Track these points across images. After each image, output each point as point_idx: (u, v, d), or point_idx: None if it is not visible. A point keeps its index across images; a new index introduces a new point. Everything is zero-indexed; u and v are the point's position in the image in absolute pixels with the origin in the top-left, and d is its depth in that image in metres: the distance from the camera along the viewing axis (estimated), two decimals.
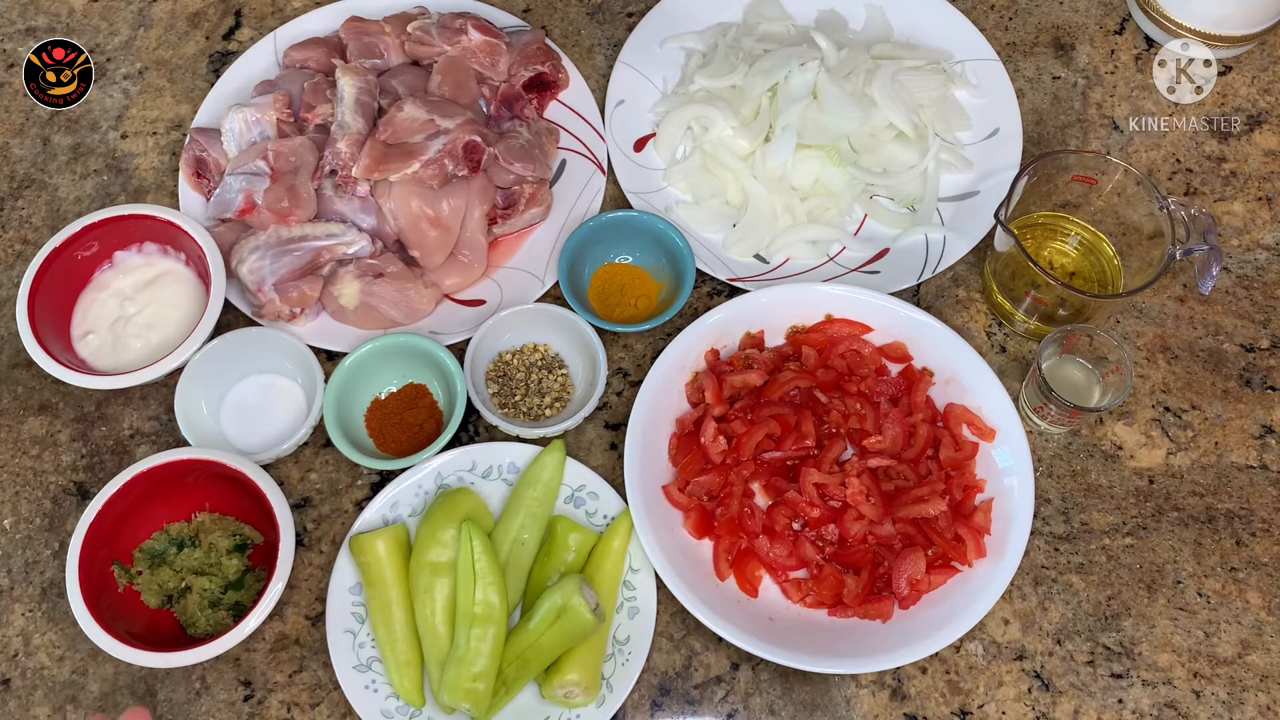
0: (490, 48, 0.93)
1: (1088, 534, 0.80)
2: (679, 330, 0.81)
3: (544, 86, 0.94)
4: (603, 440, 0.84)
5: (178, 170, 0.93)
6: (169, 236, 0.86)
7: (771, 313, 0.83)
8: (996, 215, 0.80)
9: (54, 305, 0.84)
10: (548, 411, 0.83)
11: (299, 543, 0.80)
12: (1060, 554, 0.80)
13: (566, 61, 0.96)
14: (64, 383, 0.81)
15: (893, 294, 0.83)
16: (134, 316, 0.85)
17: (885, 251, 0.89)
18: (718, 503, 0.78)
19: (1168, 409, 0.84)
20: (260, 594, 0.73)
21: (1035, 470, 0.76)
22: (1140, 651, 0.77)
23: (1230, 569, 0.79)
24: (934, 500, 0.76)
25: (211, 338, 0.82)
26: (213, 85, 0.96)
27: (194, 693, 0.76)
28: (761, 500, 0.79)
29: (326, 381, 0.81)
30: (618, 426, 0.84)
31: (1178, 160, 0.94)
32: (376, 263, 0.85)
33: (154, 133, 0.96)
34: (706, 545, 0.78)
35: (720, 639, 0.75)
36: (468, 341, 0.84)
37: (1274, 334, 0.87)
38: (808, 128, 0.90)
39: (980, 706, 0.76)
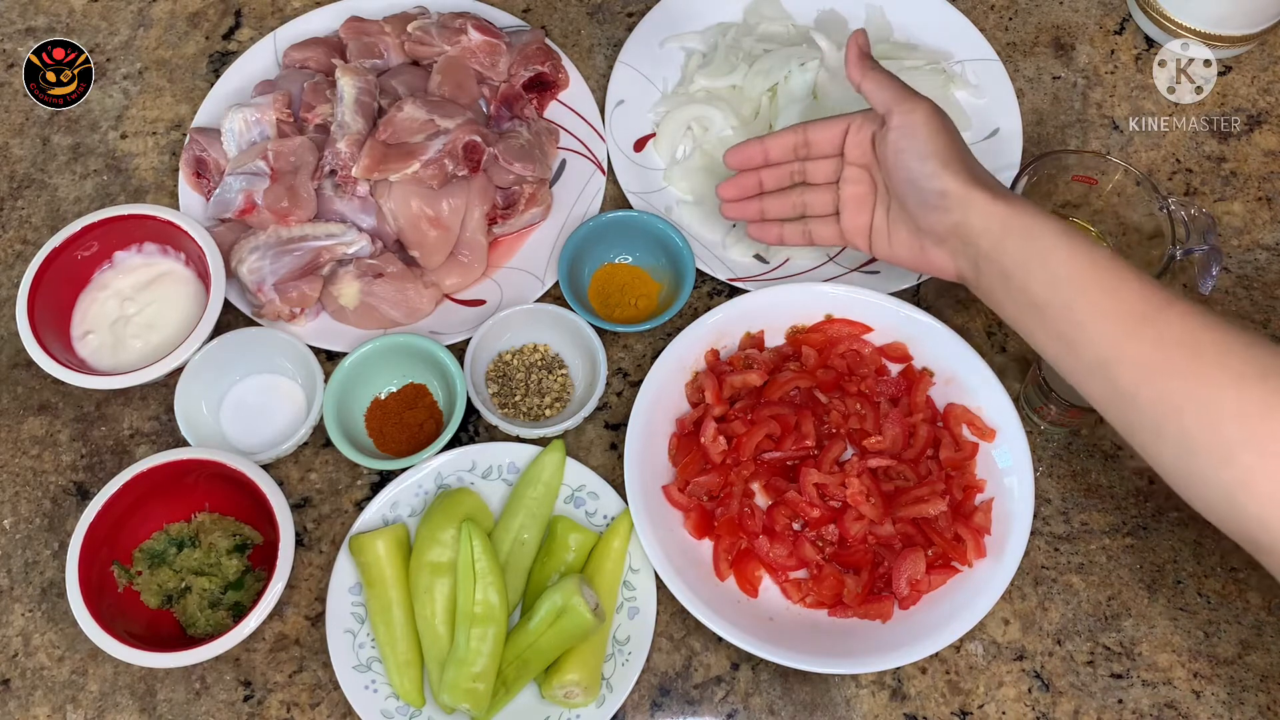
0: (490, 48, 0.93)
1: (1088, 534, 0.80)
2: (679, 330, 0.81)
3: (544, 86, 0.94)
4: (603, 440, 0.84)
5: (178, 170, 0.93)
6: (169, 236, 0.86)
7: (771, 313, 0.83)
8: None
9: (54, 305, 0.84)
10: (548, 411, 0.83)
11: (299, 543, 0.80)
12: (1060, 554, 0.80)
13: (566, 61, 0.96)
14: (64, 383, 0.81)
15: (893, 294, 0.83)
16: (134, 316, 0.85)
17: None
18: (718, 503, 0.78)
19: None
20: (260, 594, 0.73)
21: (1035, 470, 0.76)
22: (1140, 651, 0.77)
23: (1230, 569, 0.79)
24: (934, 500, 0.76)
25: (211, 338, 0.82)
26: (213, 85, 0.96)
27: (194, 693, 0.76)
28: (761, 500, 0.79)
29: (326, 381, 0.81)
30: (618, 426, 0.84)
31: (1178, 160, 0.94)
32: (376, 263, 0.85)
33: (154, 133, 0.96)
34: (706, 545, 0.78)
35: (720, 639, 0.75)
36: (468, 341, 0.84)
37: (1274, 334, 0.87)
38: None
39: (980, 706, 0.76)
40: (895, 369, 0.82)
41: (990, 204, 0.67)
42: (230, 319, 0.86)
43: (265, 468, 0.79)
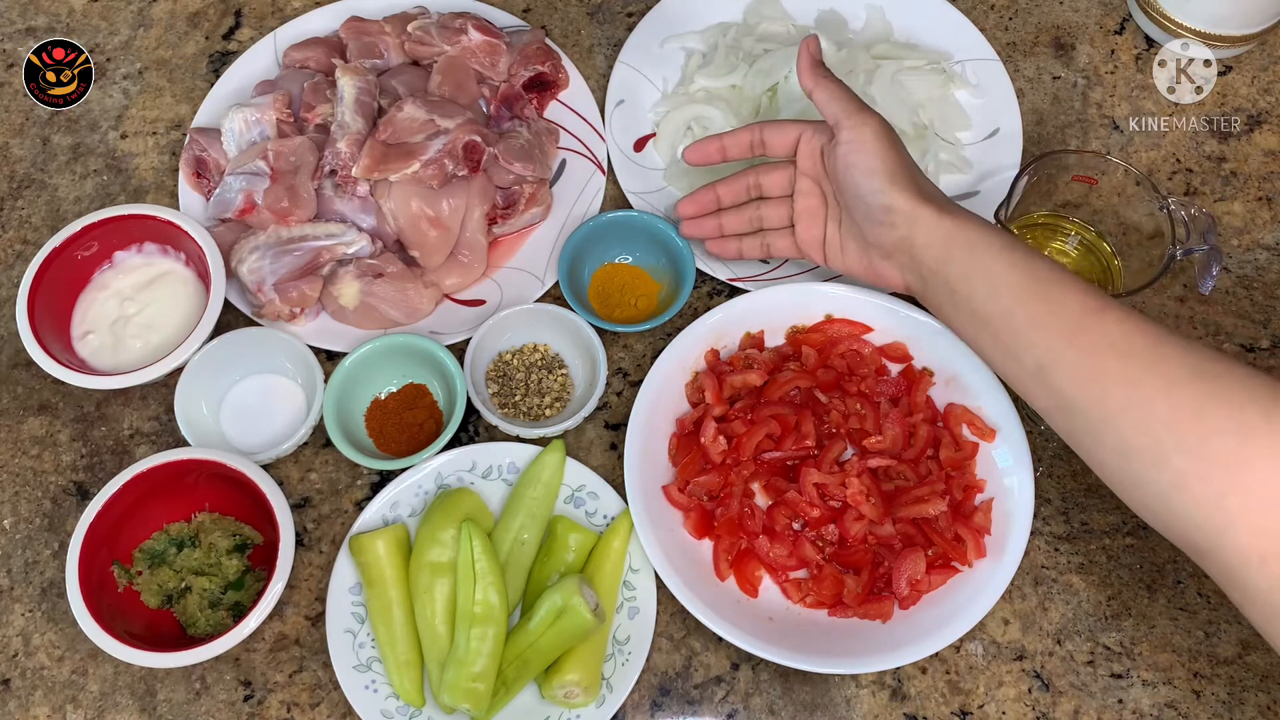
0: (490, 48, 0.93)
1: (1088, 534, 0.80)
2: (679, 330, 0.81)
3: (544, 86, 0.94)
4: (603, 440, 0.84)
5: (178, 170, 0.93)
6: (169, 236, 0.86)
7: (771, 313, 0.83)
8: (996, 215, 0.80)
9: (54, 305, 0.84)
10: (548, 411, 0.83)
11: (299, 543, 0.80)
12: (1060, 554, 0.80)
13: (566, 61, 0.96)
14: (64, 383, 0.81)
15: (893, 294, 0.83)
16: (134, 316, 0.85)
17: None
18: (718, 503, 0.78)
19: None
20: (260, 594, 0.73)
21: (1035, 470, 0.76)
22: (1140, 651, 0.77)
23: None
24: (934, 500, 0.76)
25: (211, 338, 0.82)
26: (213, 85, 0.96)
27: (194, 693, 0.76)
28: (761, 500, 0.79)
29: (326, 381, 0.81)
30: (618, 426, 0.84)
31: (1178, 160, 0.94)
32: (376, 263, 0.85)
33: (154, 133, 0.96)
34: (706, 545, 0.78)
35: (720, 639, 0.75)
36: (468, 341, 0.84)
37: (1274, 334, 0.87)
38: None
39: (980, 706, 0.76)
40: (895, 369, 0.82)
41: (935, 219, 0.69)
42: (230, 319, 0.86)
43: (265, 468, 0.79)
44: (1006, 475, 0.77)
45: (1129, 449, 0.60)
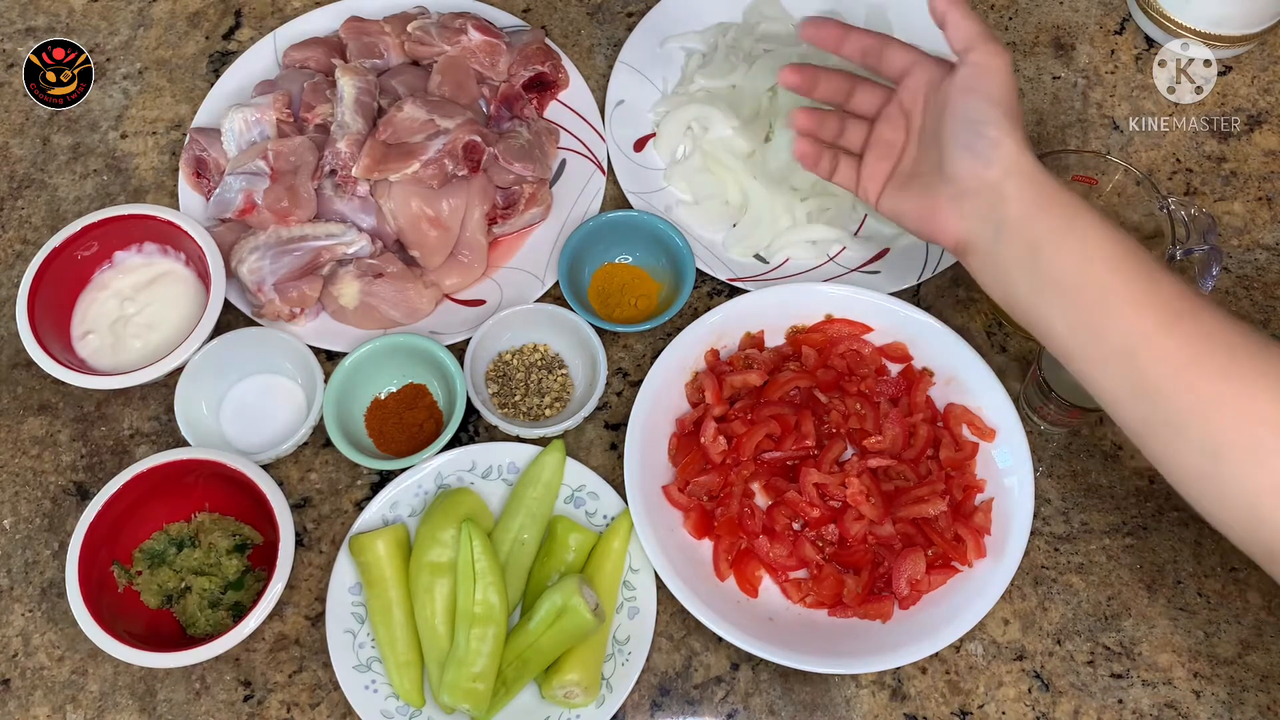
0: (490, 48, 0.93)
1: (1088, 534, 0.80)
2: (679, 330, 0.81)
3: (544, 86, 0.94)
4: (603, 440, 0.84)
5: (178, 170, 0.93)
6: (169, 236, 0.86)
7: (771, 313, 0.83)
8: None
9: (54, 305, 0.84)
10: (548, 411, 0.83)
11: (299, 543, 0.80)
12: (1060, 554, 0.80)
13: (566, 61, 0.96)
14: (64, 383, 0.81)
15: (893, 294, 0.83)
16: (134, 316, 0.85)
17: (885, 251, 0.89)
18: (718, 503, 0.78)
19: None
20: (260, 594, 0.73)
21: (1035, 470, 0.76)
22: (1140, 651, 0.77)
23: (1230, 569, 0.79)
24: (934, 500, 0.76)
25: (211, 338, 0.82)
26: (213, 85, 0.96)
27: (194, 693, 0.76)
28: (761, 500, 0.79)
29: (326, 381, 0.81)
30: (618, 426, 0.84)
31: (1178, 160, 0.94)
32: (376, 263, 0.85)
33: (154, 133, 0.96)
34: (706, 545, 0.78)
35: (720, 639, 0.75)
36: (468, 341, 0.84)
37: (1274, 334, 0.87)
38: None
39: (980, 706, 0.76)
40: (895, 369, 0.83)
41: (1035, 170, 0.64)
42: (230, 319, 0.86)
43: (265, 468, 0.79)
44: (1006, 475, 0.77)
45: (1219, 446, 0.57)
